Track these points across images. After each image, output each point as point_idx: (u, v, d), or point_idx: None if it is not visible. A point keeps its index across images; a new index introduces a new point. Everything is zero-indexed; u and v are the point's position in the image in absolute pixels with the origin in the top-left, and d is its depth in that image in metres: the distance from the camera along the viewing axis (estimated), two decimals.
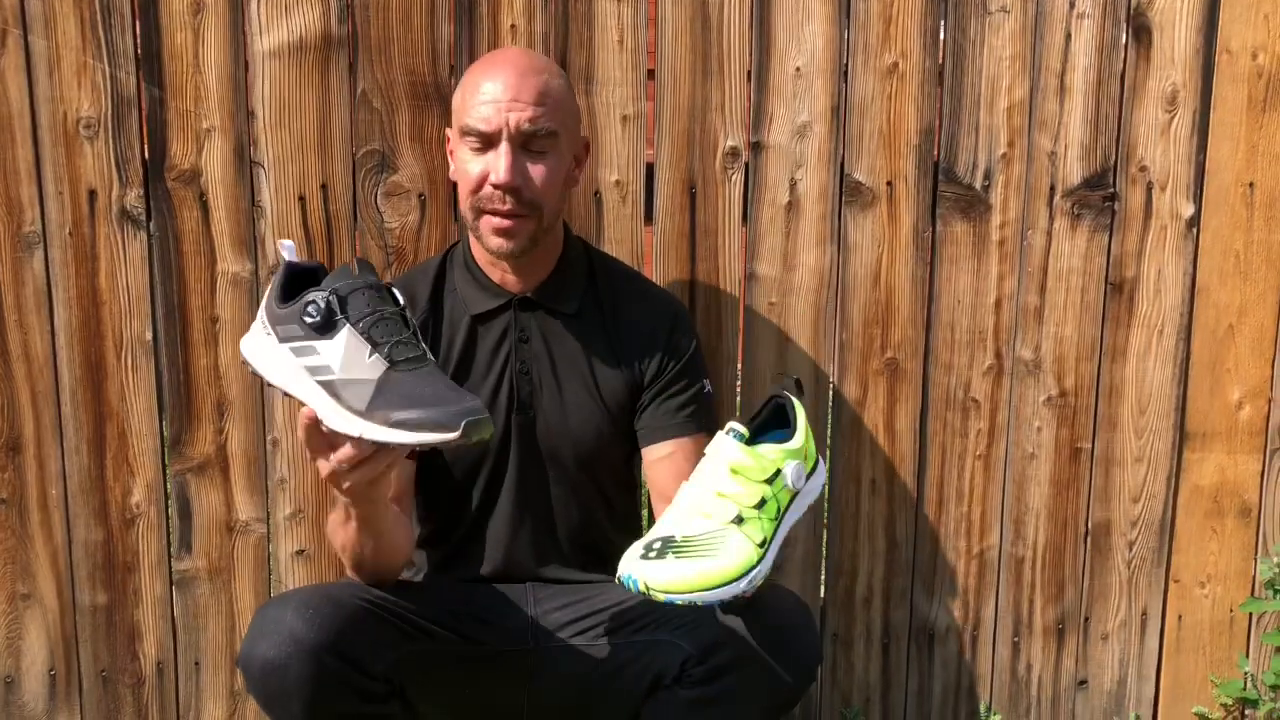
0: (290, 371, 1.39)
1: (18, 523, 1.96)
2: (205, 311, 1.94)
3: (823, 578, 2.15)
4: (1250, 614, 2.19)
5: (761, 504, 1.44)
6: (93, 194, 1.89)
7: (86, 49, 1.85)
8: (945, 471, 2.11)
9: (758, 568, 1.42)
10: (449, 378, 1.45)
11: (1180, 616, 2.19)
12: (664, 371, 1.74)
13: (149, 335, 1.94)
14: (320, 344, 1.37)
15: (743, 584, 1.40)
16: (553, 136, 1.65)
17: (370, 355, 1.36)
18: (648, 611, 1.65)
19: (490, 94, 1.62)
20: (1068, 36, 1.99)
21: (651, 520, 1.86)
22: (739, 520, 1.43)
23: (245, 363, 1.45)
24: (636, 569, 1.40)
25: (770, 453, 1.48)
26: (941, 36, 1.99)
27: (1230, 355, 2.11)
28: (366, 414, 1.33)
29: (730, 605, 1.54)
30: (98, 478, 1.97)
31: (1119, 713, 2.22)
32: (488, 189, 1.63)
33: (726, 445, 1.47)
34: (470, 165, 1.64)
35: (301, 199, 1.93)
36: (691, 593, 1.38)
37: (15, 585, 1.98)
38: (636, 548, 1.43)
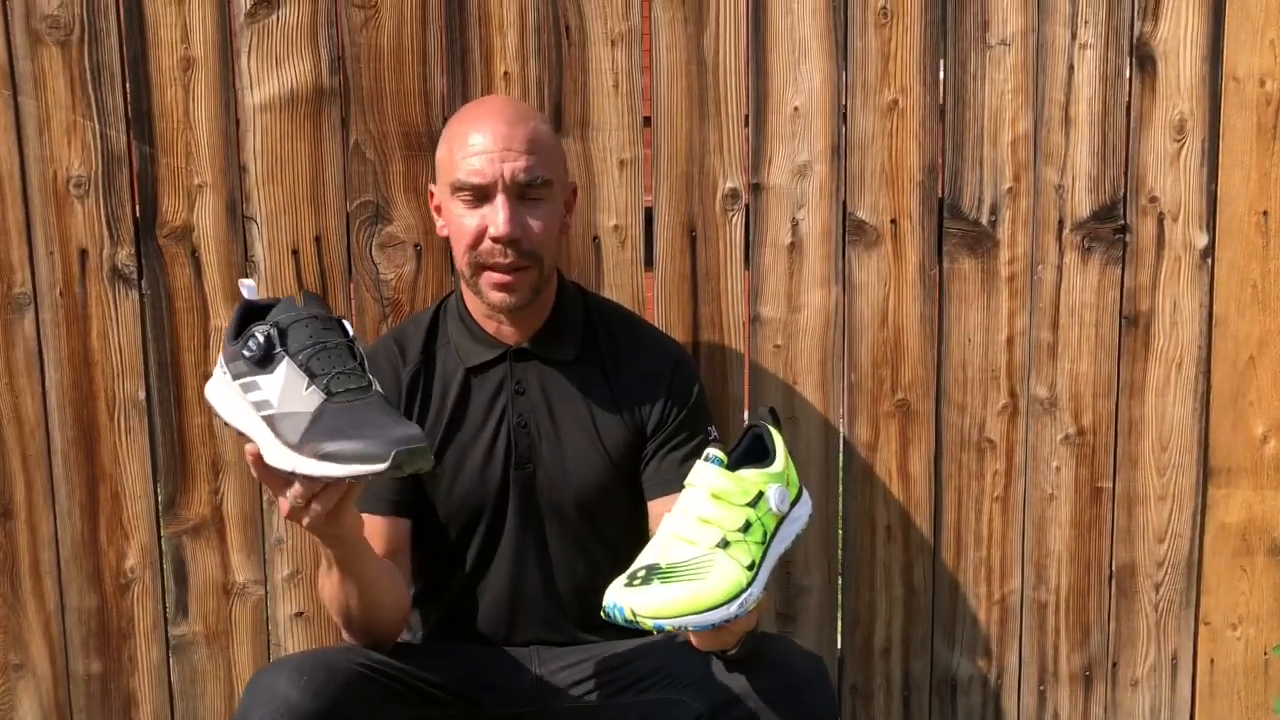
0: (240, 408, 1.37)
1: (9, 590, 1.92)
2: (199, 369, 1.91)
3: (839, 627, 2.08)
4: None
5: (746, 527, 1.40)
6: (84, 253, 1.87)
7: (76, 107, 1.83)
8: (962, 515, 2.05)
9: (748, 590, 1.37)
10: (390, 406, 1.41)
11: (1212, 660, 2.11)
12: (667, 419, 1.69)
13: (142, 395, 1.90)
14: (261, 378, 1.35)
15: (734, 607, 1.35)
16: (547, 185, 1.62)
17: (307, 387, 1.33)
18: (657, 669, 1.59)
19: (480, 145, 1.59)
20: (1070, 68, 1.96)
21: None
22: (724, 544, 1.39)
23: (211, 407, 1.43)
24: (621, 598, 1.35)
25: (751, 476, 1.44)
26: (941, 72, 1.96)
27: (1252, 388, 2.05)
28: (298, 447, 1.31)
29: (732, 659, 1.48)
30: (91, 542, 1.93)
31: None
32: (487, 244, 1.60)
33: (706, 472, 1.44)
34: (466, 220, 1.61)
35: (295, 252, 1.90)
36: (681, 616, 1.33)
37: (7, 655, 1.93)
38: (621, 578, 1.38)
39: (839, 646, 2.08)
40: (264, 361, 1.34)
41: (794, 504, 1.50)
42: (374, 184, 1.89)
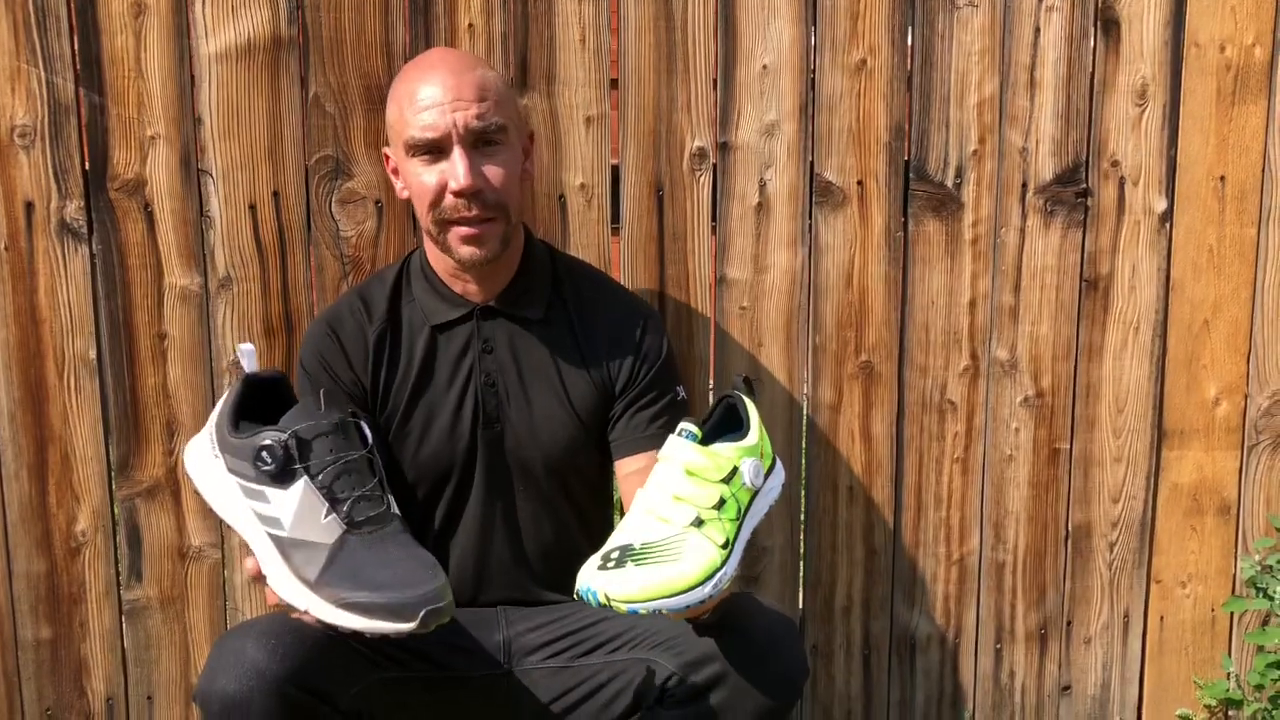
0: (237, 509, 1.25)
1: None
2: (152, 328, 1.85)
3: (801, 588, 2.09)
4: (1232, 613, 2.16)
5: (721, 504, 1.38)
6: (29, 206, 1.80)
7: (20, 53, 1.76)
8: (923, 476, 2.06)
9: (722, 570, 1.35)
10: (408, 536, 1.29)
11: (1162, 618, 2.16)
12: (636, 378, 1.68)
13: (93, 354, 1.85)
14: (272, 492, 1.22)
15: (708, 588, 1.33)
16: (503, 130, 1.58)
17: (326, 515, 1.22)
18: (626, 630, 1.58)
19: (429, 99, 1.55)
20: (1037, 30, 1.96)
21: None
22: (698, 523, 1.36)
23: (188, 474, 1.30)
24: (595, 581, 1.33)
25: (726, 451, 1.42)
26: (910, 32, 1.95)
27: (1206, 351, 2.08)
28: (315, 587, 1.20)
29: (702, 624, 1.48)
30: (39, 505, 1.87)
31: (1103, 717, 2.18)
32: (449, 199, 1.56)
33: (680, 447, 1.41)
34: (425, 177, 1.57)
35: (252, 208, 1.85)
36: (654, 600, 1.31)
37: None
38: (594, 559, 1.36)
39: (800, 606, 2.09)
40: (279, 477, 1.22)
41: (767, 475, 1.49)
42: (334, 138, 1.84)
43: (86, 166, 1.81)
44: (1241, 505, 2.14)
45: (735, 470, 1.42)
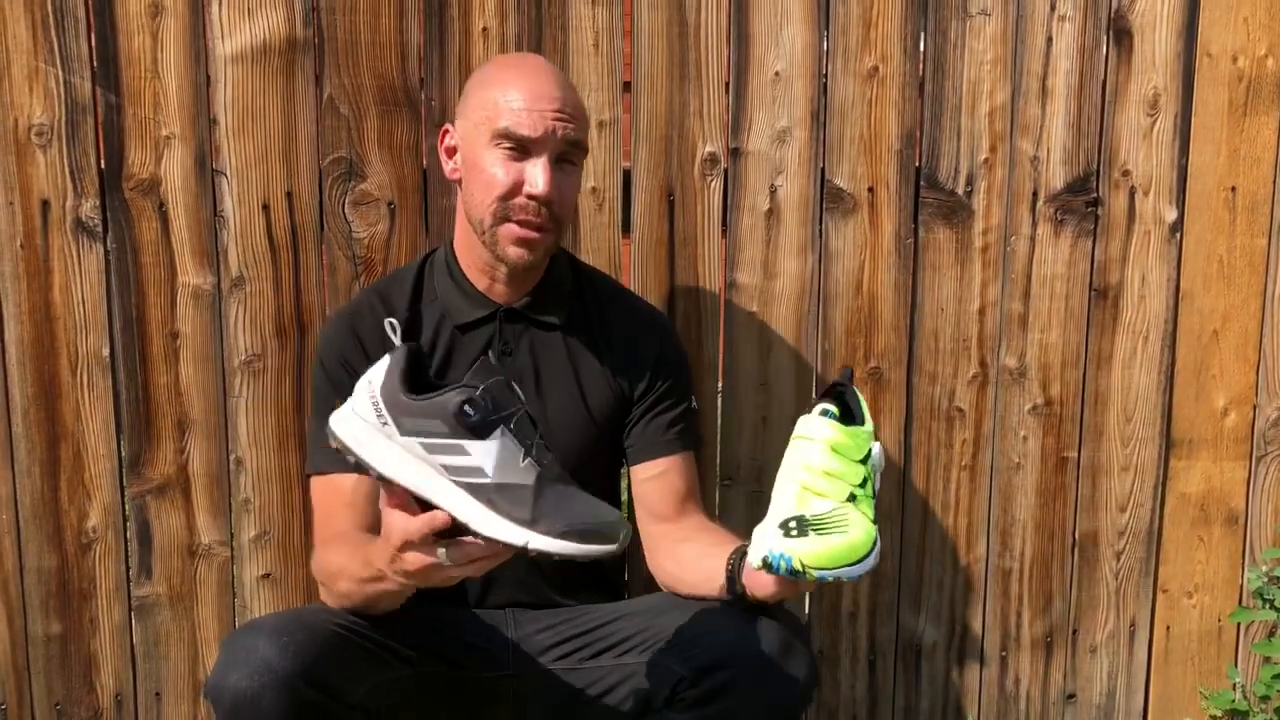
0: (417, 468, 1.32)
1: None
2: (165, 326, 1.86)
3: (807, 594, 2.10)
4: (1239, 624, 2.16)
5: (864, 483, 1.43)
6: (46, 204, 1.81)
7: (39, 53, 1.77)
8: (930, 483, 2.07)
9: (878, 543, 1.40)
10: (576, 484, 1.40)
11: (1169, 627, 2.16)
12: (655, 387, 1.69)
13: (106, 351, 1.86)
14: (471, 445, 1.30)
15: (872, 559, 1.38)
16: (584, 152, 1.64)
17: (524, 460, 1.31)
18: (636, 632, 1.58)
19: (534, 102, 1.56)
20: (1049, 40, 1.96)
21: (632, 538, 1.80)
22: (852, 498, 1.41)
23: (341, 446, 1.35)
24: (785, 546, 1.35)
25: (862, 433, 1.46)
26: (922, 40, 1.95)
27: (1215, 361, 2.08)
28: (532, 523, 1.29)
29: (728, 616, 1.49)
30: (51, 501, 1.88)
31: None
32: (521, 198, 1.57)
33: (824, 426, 1.45)
34: (499, 170, 1.57)
35: (266, 208, 1.86)
36: (838, 568, 1.36)
37: None
38: (770, 530, 1.38)
39: (806, 611, 2.10)
40: (479, 429, 1.31)
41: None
42: (347, 139, 1.85)
43: (102, 165, 1.82)
44: (1249, 516, 2.14)
45: (869, 452, 1.47)
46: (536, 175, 1.56)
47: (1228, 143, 2.02)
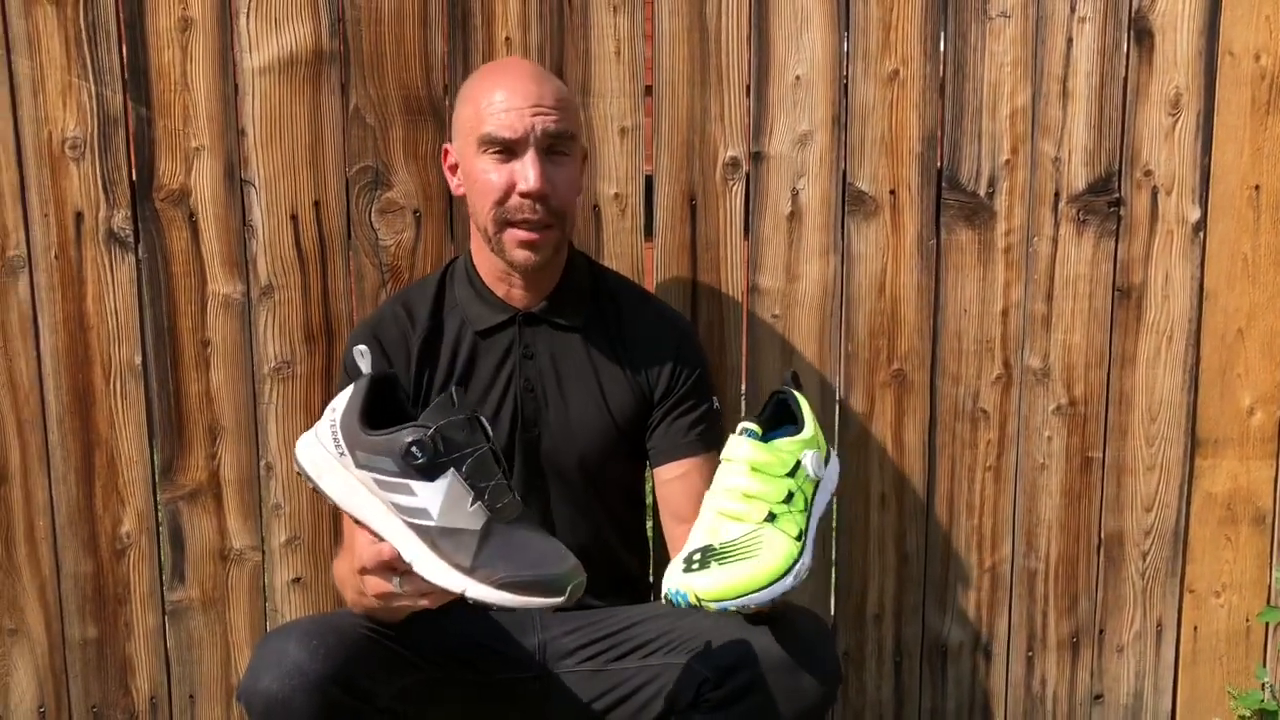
0: (368, 502, 1.32)
1: (4, 555, 1.91)
2: (196, 334, 1.89)
3: (833, 595, 2.10)
4: (1267, 623, 2.16)
5: (789, 498, 1.42)
6: (79, 216, 1.85)
7: (72, 68, 1.80)
8: (955, 484, 2.07)
9: (800, 560, 1.40)
10: (535, 522, 1.39)
11: (1196, 627, 2.16)
12: (675, 388, 1.71)
13: (138, 360, 1.89)
14: (418, 485, 1.29)
15: (790, 580, 1.38)
16: (573, 140, 1.63)
17: (473, 504, 1.29)
18: (661, 634, 1.60)
19: (509, 101, 1.58)
20: (1069, 41, 1.97)
21: (658, 538, 1.82)
22: (771, 517, 1.41)
23: (301, 472, 1.37)
24: (682, 583, 1.36)
25: (787, 445, 1.46)
26: (942, 43, 1.96)
27: (1240, 360, 2.08)
28: (471, 570, 1.27)
29: (756, 616, 1.50)
30: (86, 507, 1.91)
31: None
32: (515, 199, 1.59)
33: (743, 445, 1.45)
34: (492, 176, 1.60)
35: (294, 217, 1.88)
36: (742, 596, 1.35)
37: (3, 620, 1.92)
38: (677, 564, 1.39)
39: (832, 613, 2.10)
40: (426, 470, 1.29)
41: (826, 464, 1.52)
42: (373, 149, 1.88)
43: (133, 177, 1.85)
44: (1277, 515, 2.13)
45: (798, 463, 1.47)
46: (525, 172, 1.58)
47: (1251, 141, 2.02)
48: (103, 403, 1.89)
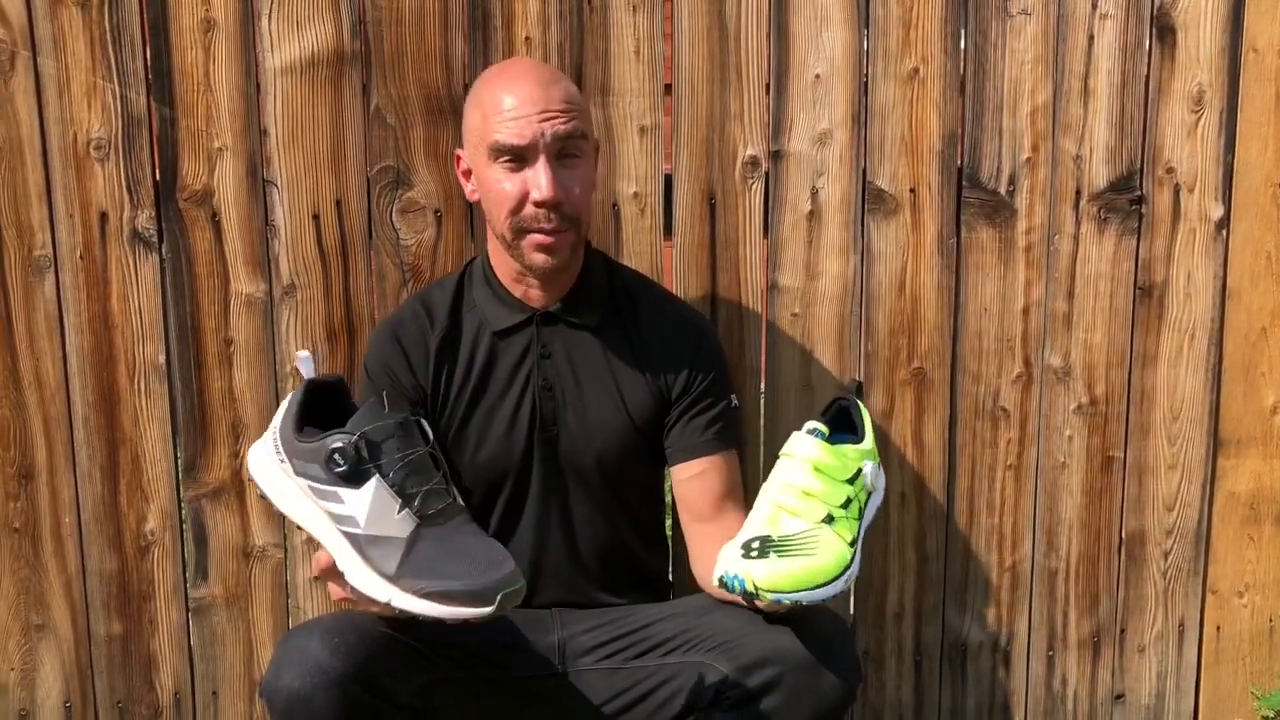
0: (307, 509, 1.31)
1: (31, 552, 1.93)
2: (219, 333, 1.91)
3: (852, 594, 2.10)
4: None
5: (847, 503, 1.43)
6: (104, 216, 1.86)
7: (96, 69, 1.82)
8: (975, 483, 2.07)
9: (850, 567, 1.40)
10: (475, 525, 1.35)
11: (1219, 627, 2.14)
12: (692, 387, 1.71)
13: (162, 359, 1.91)
14: (345, 492, 1.27)
15: (841, 583, 1.39)
16: (583, 138, 1.62)
17: (400, 511, 1.27)
18: (680, 632, 1.60)
19: (520, 108, 1.58)
20: (1090, 38, 1.96)
21: (677, 537, 1.82)
22: (829, 520, 1.41)
23: (253, 478, 1.36)
24: (740, 567, 1.36)
25: (851, 452, 1.46)
26: (962, 41, 1.95)
27: (1264, 359, 2.06)
28: (395, 579, 1.25)
29: (777, 615, 1.50)
30: (111, 505, 1.93)
31: None
32: (530, 209, 1.59)
33: (808, 444, 1.45)
34: (505, 185, 1.60)
35: (316, 217, 1.90)
36: (797, 591, 1.36)
37: (29, 616, 1.94)
38: (733, 548, 1.40)
39: (851, 612, 2.10)
40: (351, 478, 1.27)
41: (879, 478, 1.53)
42: (395, 149, 1.89)
43: (157, 177, 1.87)
44: None
45: (859, 471, 1.48)
46: (538, 180, 1.57)
47: (1275, 138, 2.00)
48: (127, 401, 1.91)
